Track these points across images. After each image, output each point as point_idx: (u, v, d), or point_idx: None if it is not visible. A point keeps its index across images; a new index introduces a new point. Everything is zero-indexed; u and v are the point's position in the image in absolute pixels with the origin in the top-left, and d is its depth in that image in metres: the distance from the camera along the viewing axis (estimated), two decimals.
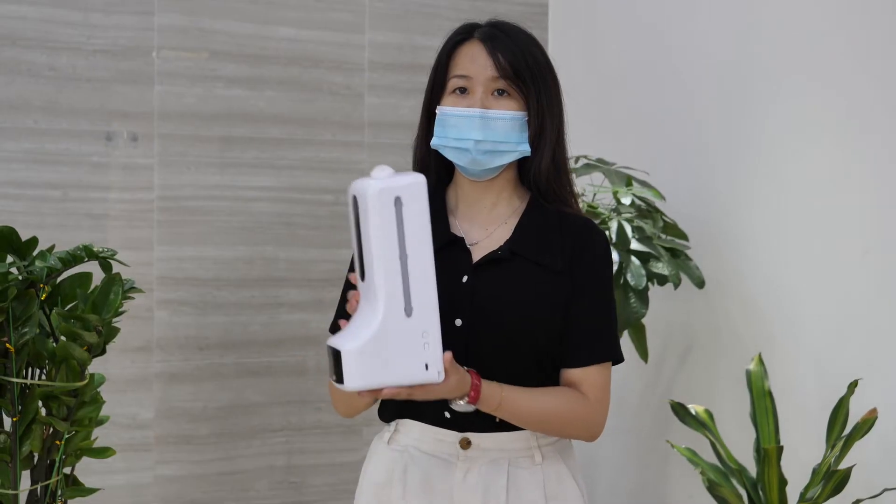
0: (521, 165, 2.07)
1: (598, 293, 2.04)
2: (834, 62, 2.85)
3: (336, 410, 2.13)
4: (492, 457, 2.01)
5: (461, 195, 2.08)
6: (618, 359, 2.07)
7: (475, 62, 2.01)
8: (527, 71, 2.00)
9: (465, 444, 2.01)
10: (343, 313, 1.94)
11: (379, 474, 2.07)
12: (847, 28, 2.83)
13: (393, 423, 2.08)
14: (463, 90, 2.01)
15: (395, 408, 2.07)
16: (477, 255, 2.02)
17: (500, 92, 2.01)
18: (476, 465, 2.00)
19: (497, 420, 1.98)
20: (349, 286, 1.92)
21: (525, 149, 2.02)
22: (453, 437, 2.01)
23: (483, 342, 1.96)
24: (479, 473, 2.00)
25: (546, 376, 2.02)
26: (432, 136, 2.03)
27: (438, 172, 2.08)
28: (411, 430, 2.05)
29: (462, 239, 2.04)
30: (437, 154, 2.05)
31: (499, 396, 1.94)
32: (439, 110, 2.02)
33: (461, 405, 1.93)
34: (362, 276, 1.83)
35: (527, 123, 2.02)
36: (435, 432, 2.02)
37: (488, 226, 2.06)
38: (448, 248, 2.00)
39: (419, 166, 2.09)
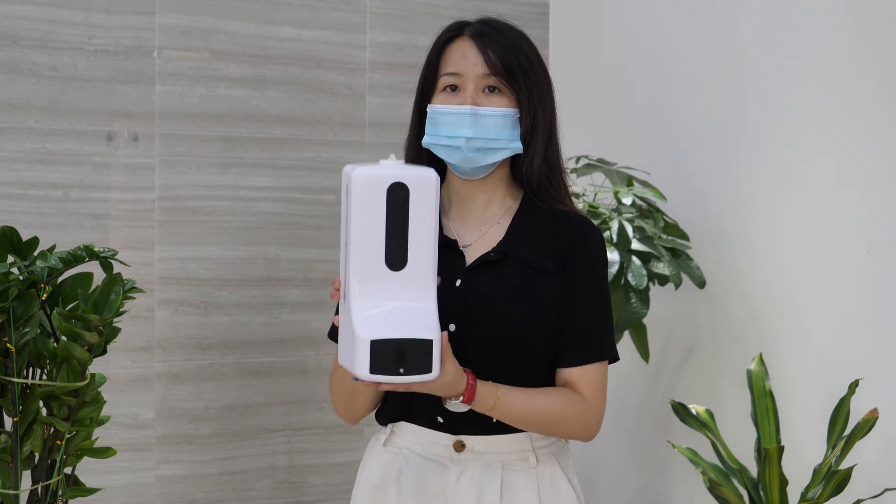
0: (514, 164, 2.05)
1: (593, 292, 2.02)
2: (834, 62, 2.84)
3: (337, 414, 2.13)
4: (486, 460, 2.00)
5: (453, 195, 2.07)
6: (613, 357, 2.06)
7: (466, 59, 1.99)
8: (518, 67, 1.98)
9: (459, 447, 2.00)
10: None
11: (374, 476, 2.06)
12: (847, 28, 2.83)
13: (389, 426, 2.07)
14: (454, 88, 2.00)
15: (391, 411, 2.07)
16: (470, 258, 2.01)
17: (492, 89, 1.99)
18: (470, 467, 2.00)
19: (494, 421, 1.97)
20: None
21: (517, 146, 2.00)
22: (447, 439, 2.00)
23: (477, 346, 1.95)
24: (472, 476, 1.99)
25: (541, 378, 2.01)
26: (424, 135, 2.02)
27: None
28: (406, 433, 2.04)
29: (455, 241, 2.02)
30: (429, 154, 2.03)
31: (494, 397, 1.93)
32: (430, 108, 2.00)
33: (455, 404, 1.92)
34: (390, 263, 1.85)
35: (518, 120, 2.00)
36: (429, 435, 2.01)
37: (481, 226, 2.04)
38: (441, 250, 1.97)
39: None
